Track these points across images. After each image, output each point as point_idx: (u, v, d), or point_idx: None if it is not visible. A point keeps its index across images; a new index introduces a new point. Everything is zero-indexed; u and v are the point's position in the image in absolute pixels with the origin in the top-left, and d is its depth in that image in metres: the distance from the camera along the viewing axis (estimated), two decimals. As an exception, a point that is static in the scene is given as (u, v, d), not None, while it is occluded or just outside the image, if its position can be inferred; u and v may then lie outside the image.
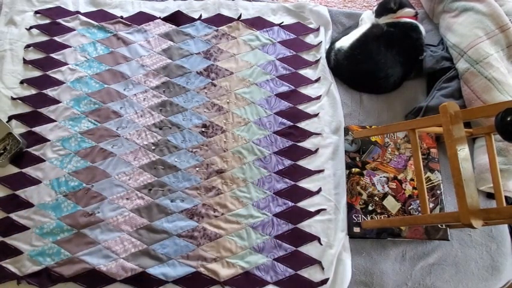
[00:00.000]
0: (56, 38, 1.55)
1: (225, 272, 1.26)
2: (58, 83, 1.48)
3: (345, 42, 1.56)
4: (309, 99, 1.53)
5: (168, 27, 1.61)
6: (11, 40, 1.53)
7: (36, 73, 1.50)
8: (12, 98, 1.44)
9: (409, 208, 1.40)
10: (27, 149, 1.38)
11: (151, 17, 1.63)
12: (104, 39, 1.57)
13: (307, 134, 1.48)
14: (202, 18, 1.65)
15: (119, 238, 1.29)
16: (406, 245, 1.37)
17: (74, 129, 1.42)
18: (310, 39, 1.65)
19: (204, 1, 1.68)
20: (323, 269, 1.29)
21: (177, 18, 1.63)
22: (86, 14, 1.61)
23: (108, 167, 1.37)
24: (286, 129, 1.48)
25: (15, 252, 1.25)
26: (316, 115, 1.51)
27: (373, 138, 1.50)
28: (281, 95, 1.53)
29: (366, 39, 1.53)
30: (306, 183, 1.40)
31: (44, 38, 1.55)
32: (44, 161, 1.37)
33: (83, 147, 1.40)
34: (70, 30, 1.57)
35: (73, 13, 1.60)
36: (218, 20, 1.65)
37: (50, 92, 1.47)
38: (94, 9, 1.63)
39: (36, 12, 1.59)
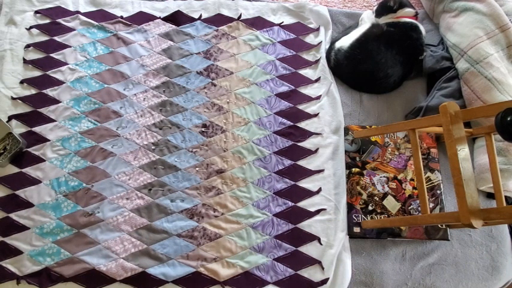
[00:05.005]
0: (56, 38, 1.55)
1: (225, 272, 1.26)
2: (58, 82, 1.48)
3: (345, 42, 1.56)
4: (309, 99, 1.53)
5: (168, 27, 1.61)
6: (11, 40, 1.53)
7: (36, 73, 1.49)
8: (12, 98, 1.44)
9: (409, 208, 1.40)
10: (27, 149, 1.38)
11: (151, 17, 1.63)
12: (104, 39, 1.57)
13: (307, 134, 1.48)
14: (202, 18, 1.65)
15: (118, 238, 1.29)
16: (406, 245, 1.37)
17: (74, 129, 1.42)
18: (310, 39, 1.65)
19: (204, 1, 1.68)
20: (323, 269, 1.29)
21: (177, 18, 1.63)
22: (86, 14, 1.61)
23: (108, 167, 1.37)
24: (286, 129, 1.48)
25: (15, 252, 1.25)
26: (316, 115, 1.51)
27: (373, 138, 1.50)
28: (281, 95, 1.53)
29: (365, 39, 1.53)
30: (306, 183, 1.40)
31: (44, 38, 1.55)
32: (44, 161, 1.37)
33: (83, 147, 1.40)
34: (70, 30, 1.57)
35: (73, 13, 1.60)
36: (218, 19, 1.65)
37: (50, 92, 1.46)
38: (94, 9, 1.63)
39: (36, 12, 1.59)
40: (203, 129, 1.46)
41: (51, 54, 1.52)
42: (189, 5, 1.67)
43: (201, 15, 1.65)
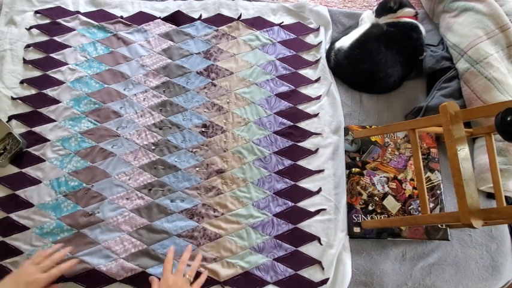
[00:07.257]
0: (56, 38, 1.55)
1: (225, 272, 1.26)
2: (58, 83, 1.48)
3: (344, 42, 1.56)
4: (309, 99, 1.53)
5: (168, 27, 1.61)
6: (11, 40, 1.53)
7: (36, 73, 1.49)
8: (12, 98, 1.44)
9: (409, 208, 1.40)
10: (27, 149, 1.38)
11: (151, 17, 1.63)
12: (104, 39, 1.57)
13: (307, 134, 1.48)
14: (202, 18, 1.65)
15: (118, 238, 1.29)
16: (406, 245, 1.37)
17: (74, 129, 1.42)
18: (310, 39, 1.65)
19: (204, 1, 1.68)
20: (323, 269, 1.29)
21: (177, 18, 1.63)
22: (86, 14, 1.61)
23: (108, 167, 1.37)
24: (286, 129, 1.48)
25: (15, 252, 1.25)
26: (316, 115, 1.51)
27: (373, 138, 1.50)
28: (281, 95, 1.53)
29: (365, 39, 1.53)
30: (306, 183, 1.40)
31: (44, 38, 1.55)
32: (44, 161, 1.37)
33: (83, 147, 1.40)
34: (70, 30, 1.57)
35: (73, 13, 1.60)
36: (218, 20, 1.65)
37: (50, 92, 1.46)
38: (94, 9, 1.63)
39: (36, 12, 1.59)
40: (203, 129, 1.46)
41: (51, 54, 1.52)
42: (189, 5, 1.67)
43: (201, 15, 1.65)
